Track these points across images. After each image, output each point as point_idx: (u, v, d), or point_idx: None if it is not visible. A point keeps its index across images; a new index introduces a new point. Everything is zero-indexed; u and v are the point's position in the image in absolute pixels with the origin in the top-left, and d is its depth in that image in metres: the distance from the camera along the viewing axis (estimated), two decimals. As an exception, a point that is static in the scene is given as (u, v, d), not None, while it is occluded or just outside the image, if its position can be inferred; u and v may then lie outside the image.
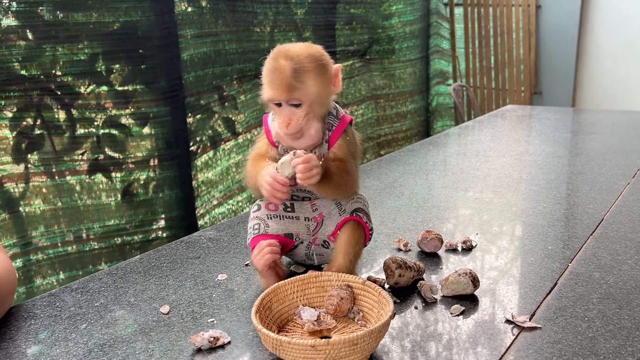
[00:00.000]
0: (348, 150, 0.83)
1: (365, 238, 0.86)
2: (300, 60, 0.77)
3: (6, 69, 1.92)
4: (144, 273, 0.92)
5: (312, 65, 0.78)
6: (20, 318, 0.79)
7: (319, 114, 0.81)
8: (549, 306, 0.79)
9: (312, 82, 0.78)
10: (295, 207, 0.87)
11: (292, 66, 0.77)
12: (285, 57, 0.77)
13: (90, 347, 0.71)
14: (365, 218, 0.86)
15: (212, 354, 0.69)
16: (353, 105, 3.36)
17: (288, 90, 0.77)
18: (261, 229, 0.85)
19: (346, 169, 0.82)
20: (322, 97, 0.80)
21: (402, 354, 0.69)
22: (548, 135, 1.91)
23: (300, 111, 0.79)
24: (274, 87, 0.77)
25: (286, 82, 0.77)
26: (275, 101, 0.79)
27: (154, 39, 2.23)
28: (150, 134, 2.28)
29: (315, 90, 0.78)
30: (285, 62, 0.77)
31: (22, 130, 2.00)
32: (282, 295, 0.75)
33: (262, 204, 0.88)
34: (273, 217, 0.86)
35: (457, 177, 1.46)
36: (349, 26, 3.23)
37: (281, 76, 0.77)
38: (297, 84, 0.77)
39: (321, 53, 0.81)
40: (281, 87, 0.77)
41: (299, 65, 0.77)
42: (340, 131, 0.83)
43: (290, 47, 0.80)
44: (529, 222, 1.12)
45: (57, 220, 2.12)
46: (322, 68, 0.79)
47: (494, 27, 4.09)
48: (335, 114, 0.84)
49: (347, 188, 0.83)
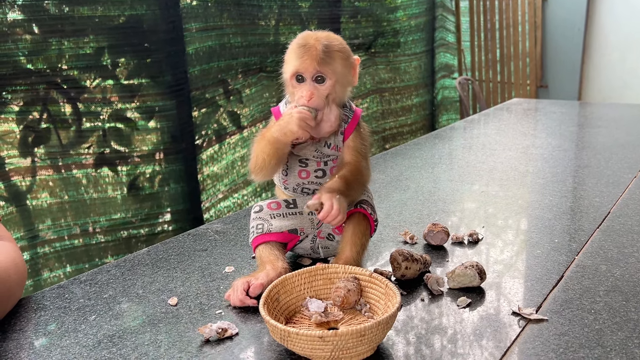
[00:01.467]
0: (361, 143, 0.85)
1: (371, 229, 0.87)
2: (330, 40, 0.81)
3: (12, 63, 1.92)
4: (152, 265, 0.93)
5: (342, 47, 0.81)
6: (30, 310, 0.80)
7: (340, 99, 0.83)
8: (556, 299, 0.79)
9: (340, 62, 0.80)
10: (298, 203, 0.87)
11: (322, 43, 0.79)
12: (315, 38, 0.80)
13: (100, 339, 0.72)
14: (370, 210, 0.86)
15: (221, 345, 0.69)
16: (358, 98, 3.35)
17: (318, 62, 0.78)
18: (264, 229, 0.86)
19: (359, 169, 0.83)
20: (345, 81, 0.82)
21: (408, 345, 0.69)
22: (554, 128, 1.90)
23: (324, 87, 0.80)
24: (303, 59, 0.79)
25: (317, 55, 0.79)
26: (301, 73, 0.80)
27: (159, 32, 2.23)
28: (155, 127, 2.29)
29: (340, 70, 0.80)
30: (314, 41, 0.80)
31: (29, 124, 2.01)
32: (290, 287, 0.75)
33: (264, 205, 0.88)
34: (276, 216, 0.87)
35: (463, 170, 1.46)
36: (354, 19, 3.22)
37: (312, 50, 0.79)
38: (325, 57, 0.79)
39: (344, 41, 0.84)
40: (311, 58, 0.78)
41: (329, 43, 0.80)
42: (354, 124, 0.85)
43: (317, 32, 0.83)
44: (535, 215, 1.12)
45: (63, 214, 2.13)
46: (346, 53, 0.82)
47: (500, 20, 4.06)
48: (350, 107, 0.86)
49: (362, 188, 0.86)
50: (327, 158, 0.85)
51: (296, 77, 0.80)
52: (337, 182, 0.80)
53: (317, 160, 0.85)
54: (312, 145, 0.84)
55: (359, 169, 0.83)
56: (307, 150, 0.85)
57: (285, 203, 0.87)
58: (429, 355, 0.67)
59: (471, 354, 0.67)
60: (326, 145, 0.84)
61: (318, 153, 0.85)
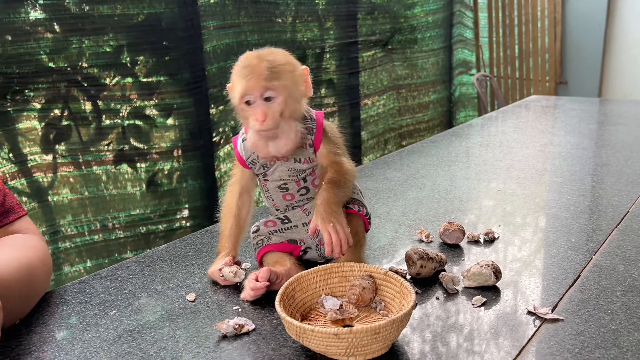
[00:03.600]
0: (334, 146, 0.84)
1: (365, 225, 0.87)
2: (272, 57, 0.78)
3: (35, 61, 1.96)
4: (170, 261, 0.94)
5: (283, 61, 0.79)
6: (52, 304, 0.82)
7: (295, 114, 0.80)
8: (572, 298, 0.79)
9: (286, 77, 0.78)
10: (290, 217, 0.88)
11: (265, 60, 0.77)
12: (257, 57, 0.78)
13: (120, 333, 0.74)
14: (358, 206, 0.85)
15: (238, 341, 0.71)
16: (374, 95, 3.35)
17: (265, 79, 0.76)
18: (264, 242, 0.88)
19: (342, 169, 0.82)
20: (296, 94, 0.79)
21: (423, 344, 0.70)
22: (573, 126, 1.88)
23: (276, 105, 0.77)
24: (248, 79, 0.76)
25: (261, 73, 0.76)
26: (248, 95, 0.77)
27: (177, 30, 2.25)
28: (174, 124, 2.31)
29: (289, 85, 0.78)
30: (257, 60, 0.78)
31: (50, 121, 2.05)
32: (305, 284, 0.76)
33: (260, 225, 0.89)
34: (274, 233, 0.88)
35: (479, 168, 1.45)
36: (371, 16, 3.22)
37: (256, 69, 0.77)
38: (270, 76, 0.77)
39: (288, 54, 0.82)
40: (257, 77, 0.76)
41: (272, 61, 0.78)
42: (320, 132, 0.83)
43: (258, 51, 0.81)
44: (552, 214, 1.11)
45: (84, 210, 2.16)
46: (292, 66, 0.80)
47: (519, 16, 4.02)
48: (310, 116, 0.84)
49: (350, 184, 0.84)
50: (303, 174, 0.84)
51: (245, 101, 0.78)
52: (326, 189, 0.79)
53: (295, 179, 0.84)
54: (282, 165, 0.83)
55: (342, 169, 0.82)
56: (279, 172, 0.84)
57: (280, 220, 0.88)
58: (444, 353, 0.67)
59: (487, 352, 0.67)
60: (297, 161, 0.83)
61: (292, 171, 0.83)
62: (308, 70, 0.82)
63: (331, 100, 3.10)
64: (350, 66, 3.11)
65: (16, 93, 1.95)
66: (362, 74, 3.19)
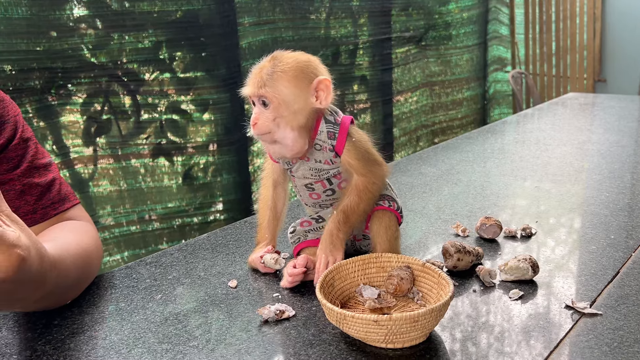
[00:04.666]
0: (358, 152, 0.83)
1: (397, 219, 0.87)
2: (281, 61, 0.79)
3: (78, 56, 2.03)
4: (212, 250, 0.98)
5: (289, 67, 0.78)
6: (102, 287, 0.86)
7: (292, 121, 0.79)
8: (611, 294, 0.78)
9: (284, 83, 0.78)
10: (324, 217, 0.89)
11: (270, 65, 0.79)
12: (271, 59, 0.80)
13: (166, 316, 0.77)
14: (388, 202, 0.86)
15: (279, 326, 0.73)
16: (407, 92, 3.34)
17: (257, 85, 0.78)
18: (301, 239, 0.90)
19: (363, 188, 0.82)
20: (294, 102, 0.79)
21: (460, 334, 0.71)
22: (612, 124, 1.85)
23: (268, 112, 0.78)
24: (247, 81, 0.80)
25: (258, 78, 0.78)
26: (249, 97, 0.80)
27: (214, 27, 2.30)
28: (210, 119, 2.36)
29: (285, 93, 0.78)
30: (267, 62, 0.79)
31: (91, 115, 2.11)
32: (344, 273, 0.78)
33: (297, 225, 0.91)
34: (310, 232, 0.90)
35: (515, 165, 1.44)
36: (405, 12, 3.21)
37: (256, 72, 0.79)
38: (267, 80, 0.78)
39: (309, 61, 0.81)
40: (252, 82, 0.79)
41: (277, 65, 0.78)
42: (344, 136, 0.82)
43: (284, 52, 0.81)
44: (590, 211, 1.10)
45: (122, 201, 2.23)
46: (301, 74, 0.79)
47: (557, 12, 3.95)
48: (334, 121, 0.83)
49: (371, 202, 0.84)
50: (327, 174, 0.84)
51: (251, 101, 0.80)
52: (334, 221, 0.82)
53: (318, 179, 0.85)
54: (304, 164, 0.84)
55: (363, 188, 0.82)
56: (302, 170, 0.85)
57: (314, 220, 0.90)
58: (482, 344, 0.68)
59: (526, 343, 0.68)
60: (318, 162, 0.83)
61: (313, 171, 0.84)
62: (328, 80, 0.80)
63: (364, 97, 3.11)
64: (384, 62, 3.11)
65: (60, 87, 2.03)
66: (395, 70, 3.19)
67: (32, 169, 0.84)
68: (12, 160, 0.82)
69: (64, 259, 0.73)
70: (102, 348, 0.70)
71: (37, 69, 1.93)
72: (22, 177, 0.83)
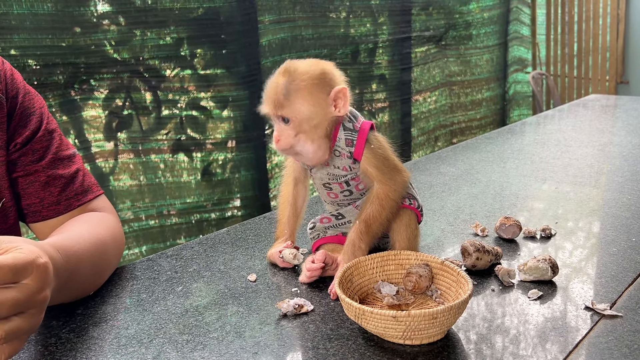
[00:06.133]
0: (377, 159, 0.82)
1: (418, 217, 0.87)
2: (295, 77, 0.78)
3: (101, 52, 2.05)
4: (232, 244, 0.99)
5: (305, 84, 0.77)
6: (123, 278, 0.87)
7: (313, 134, 0.79)
8: (631, 296, 0.78)
9: (301, 101, 0.77)
10: (344, 214, 0.89)
11: (284, 82, 0.77)
12: (284, 73, 0.78)
13: (187, 307, 0.78)
14: (409, 200, 0.86)
15: (297, 320, 0.74)
16: (426, 91, 3.33)
17: (275, 105, 0.78)
18: (321, 235, 0.90)
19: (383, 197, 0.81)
20: (314, 117, 0.78)
21: (478, 333, 0.71)
22: (635, 126, 1.83)
23: (289, 129, 0.79)
24: (264, 100, 0.79)
25: (274, 97, 0.78)
26: (267, 114, 0.80)
27: (235, 24, 2.31)
28: (229, 116, 2.38)
29: (304, 109, 0.78)
30: (281, 77, 0.78)
31: (113, 110, 2.14)
32: (363, 269, 0.79)
33: (316, 221, 0.91)
34: (329, 228, 0.90)
35: (536, 166, 1.43)
36: (426, 11, 3.20)
37: (272, 91, 0.78)
38: (284, 100, 0.77)
39: (323, 72, 0.79)
40: (269, 101, 0.78)
41: (291, 82, 0.77)
42: (362, 143, 0.82)
43: (296, 63, 0.80)
44: (611, 213, 1.09)
45: (142, 196, 2.25)
46: (317, 87, 0.78)
47: (579, 13, 3.90)
48: (353, 127, 0.82)
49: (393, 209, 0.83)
50: (344, 178, 0.85)
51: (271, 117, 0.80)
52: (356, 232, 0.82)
53: (336, 181, 0.85)
54: (322, 169, 0.85)
55: (384, 197, 0.82)
56: (320, 173, 0.85)
57: (334, 217, 0.90)
58: (500, 342, 0.68)
59: (545, 343, 0.68)
60: (336, 167, 0.84)
61: (331, 175, 0.85)
62: (345, 89, 0.80)
63: (382, 96, 3.10)
64: (403, 62, 3.10)
65: (83, 82, 2.06)
66: (415, 69, 3.18)
67: (57, 161, 0.85)
68: (37, 152, 0.84)
69: (77, 249, 0.74)
70: (125, 337, 0.71)
71: (61, 64, 1.96)
72: (47, 168, 0.84)
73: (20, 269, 0.56)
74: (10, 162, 0.83)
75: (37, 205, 0.85)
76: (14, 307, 0.55)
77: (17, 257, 0.56)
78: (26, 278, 0.56)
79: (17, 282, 0.55)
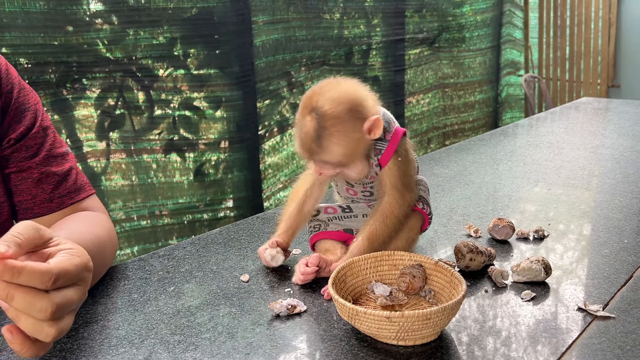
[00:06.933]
0: (398, 173, 0.81)
1: (424, 224, 0.87)
2: (325, 122, 0.73)
3: (93, 51, 2.04)
4: (224, 244, 0.98)
5: (336, 129, 0.73)
6: (115, 278, 0.87)
7: (353, 162, 0.78)
8: (624, 297, 0.78)
9: (336, 146, 0.74)
10: (353, 208, 0.89)
11: (315, 127, 0.73)
12: (311, 111, 0.73)
13: (179, 308, 0.77)
14: (422, 204, 0.86)
15: (290, 321, 0.73)
16: (420, 93, 3.34)
17: (309, 153, 0.75)
18: (321, 228, 0.89)
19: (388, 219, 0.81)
20: (351, 153, 0.76)
21: (471, 334, 0.71)
22: (626, 129, 1.84)
23: (329, 167, 0.78)
24: (298, 144, 0.76)
25: (308, 146, 0.75)
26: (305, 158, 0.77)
27: (228, 24, 2.30)
28: (222, 117, 2.37)
29: (340, 151, 0.75)
30: (310, 119, 0.73)
31: (105, 110, 2.13)
32: (356, 270, 0.78)
33: (321, 209, 0.90)
34: (333, 220, 0.89)
35: (528, 167, 1.44)
36: (419, 13, 3.20)
37: (304, 137, 0.74)
38: (318, 148, 0.74)
39: (352, 106, 0.74)
40: (303, 148, 0.75)
41: (322, 129, 0.73)
42: (390, 153, 0.81)
43: (322, 95, 0.74)
44: (603, 215, 1.10)
45: (133, 196, 2.24)
46: (349, 127, 0.74)
47: (571, 17, 3.93)
48: (384, 137, 0.80)
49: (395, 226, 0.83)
50: (371, 184, 0.85)
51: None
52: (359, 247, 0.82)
53: (361, 184, 0.86)
54: None
55: (389, 214, 0.81)
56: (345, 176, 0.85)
57: (341, 208, 0.90)
58: (492, 343, 0.68)
59: (537, 345, 0.68)
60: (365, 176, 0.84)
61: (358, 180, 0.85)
62: (378, 118, 0.76)
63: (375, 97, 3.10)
64: (396, 63, 3.10)
65: (75, 82, 2.04)
66: (408, 71, 3.19)
67: (50, 158, 0.85)
68: (31, 148, 0.83)
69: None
70: (116, 338, 0.71)
71: (53, 62, 1.95)
72: (40, 165, 0.83)
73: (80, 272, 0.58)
74: (3, 157, 0.82)
75: (29, 202, 0.84)
76: (69, 307, 0.56)
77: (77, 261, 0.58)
78: (81, 281, 0.59)
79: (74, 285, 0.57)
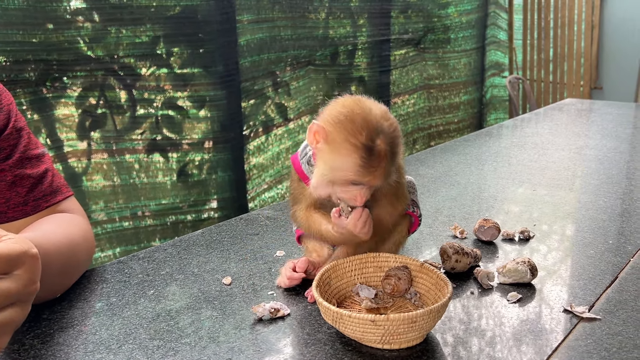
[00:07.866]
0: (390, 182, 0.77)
1: (413, 226, 0.86)
2: (394, 141, 0.69)
3: (74, 49, 2.00)
4: (206, 246, 0.96)
5: (401, 146, 0.71)
6: (92, 281, 0.84)
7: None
8: (609, 299, 0.78)
9: (398, 163, 0.73)
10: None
11: (389, 151, 0.68)
12: (381, 135, 0.67)
13: (158, 311, 0.75)
14: (412, 207, 0.85)
15: (273, 324, 0.72)
16: (405, 94, 3.34)
17: (385, 177, 0.69)
18: None
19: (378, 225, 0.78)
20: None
21: (457, 336, 0.69)
22: (610, 130, 1.85)
23: (368, 190, 0.71)
24: (370, 172, 0.67)
25: (385, 170, 0.68)
26: (364, 184, 0.70)
27: (212, 23, 2.28)
28: (206, 116, 2.34)
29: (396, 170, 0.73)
30: (382, 144, 0.67)
31: (86, 109, 2.09)
32: (341, 272, 0.77)
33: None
34: None
35: (513, 168, 1.44)
36: (405, 14, 3.20)
37: (381, 163, 0.68)
38: (392, 168, 0.70)
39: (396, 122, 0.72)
40: (380, 176, 0.68)
41: (395, 147, 0.69)
42: None
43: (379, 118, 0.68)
44: (588, 215, 1.10)
45: (115, 197, 2.20)
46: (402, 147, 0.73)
47: (555, 19, 3.96)
48: None
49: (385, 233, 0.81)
50: None
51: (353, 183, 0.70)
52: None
53: None
54: None
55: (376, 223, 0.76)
56: None
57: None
58: (477, 345, 0.67)
59: (523, 346, 0.67)
60: None
61: None
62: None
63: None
64: (382, 64, 3.10)
65: (55, 80, 2.00)
66: (393, 72, 3.18)
67: (24, 160, 0.82)
68: (4, 150, 0.80)
69: (45, 248, 0.71)
70: (92, 343, 0.68)
71: (32, 60, 1.91)
72: (14, 167, 0.81)
73: (14, 258, 0.53)
74: None
75: (2, 206, 0.81)
76: (7, 299, 0.52)
77: (10, 246, 0.53)
78: (19, 269, 0.54)
79: (9, 273, 0.53)
